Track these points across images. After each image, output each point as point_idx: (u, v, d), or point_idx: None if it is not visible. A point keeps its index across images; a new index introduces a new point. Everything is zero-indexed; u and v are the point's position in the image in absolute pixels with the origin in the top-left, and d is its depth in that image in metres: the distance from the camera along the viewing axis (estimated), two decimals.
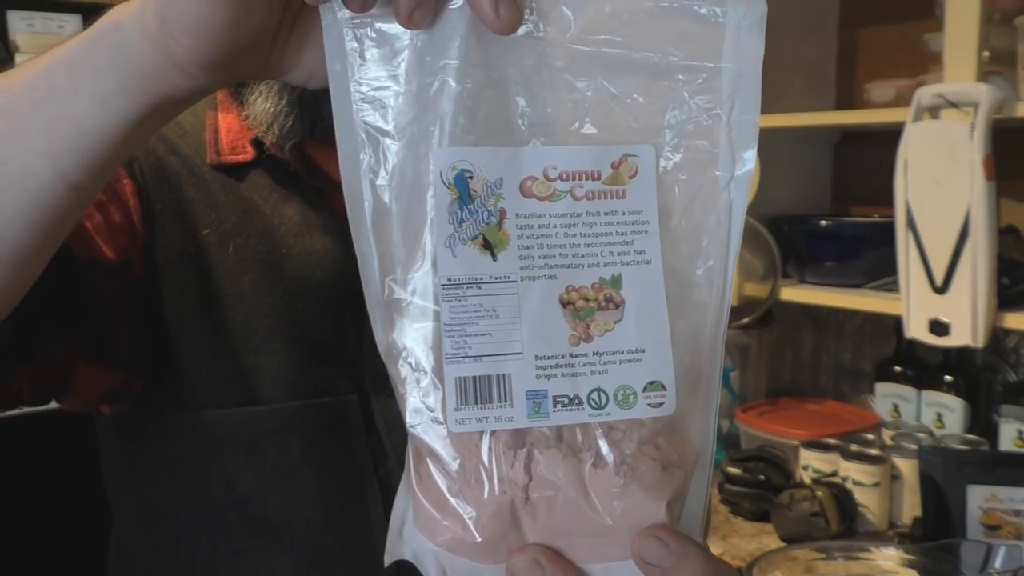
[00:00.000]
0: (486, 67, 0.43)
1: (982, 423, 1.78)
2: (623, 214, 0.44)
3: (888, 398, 1.89)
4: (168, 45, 0.46)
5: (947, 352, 1.82)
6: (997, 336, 1.82)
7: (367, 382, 0.80)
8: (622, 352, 0.44)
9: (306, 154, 0.82)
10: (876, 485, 1.58)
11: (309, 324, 0.80)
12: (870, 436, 1.74)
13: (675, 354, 0.44)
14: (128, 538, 0.89)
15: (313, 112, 0.78)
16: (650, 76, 0.45)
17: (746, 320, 1.92)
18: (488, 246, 0.43)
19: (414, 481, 0.44)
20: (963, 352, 1.80)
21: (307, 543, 0.81)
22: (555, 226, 0.44)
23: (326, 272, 0.81)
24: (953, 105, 1.55)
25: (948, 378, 1.81)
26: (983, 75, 1.56)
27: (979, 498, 1.09)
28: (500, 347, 0.43)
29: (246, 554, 0.81)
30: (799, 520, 1.54)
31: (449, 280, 0.43)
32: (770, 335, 2.10)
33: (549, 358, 0.43)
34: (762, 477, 1.68)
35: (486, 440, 0.42)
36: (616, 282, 0.44)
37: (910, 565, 0.83)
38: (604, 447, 0.43)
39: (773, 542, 1.57)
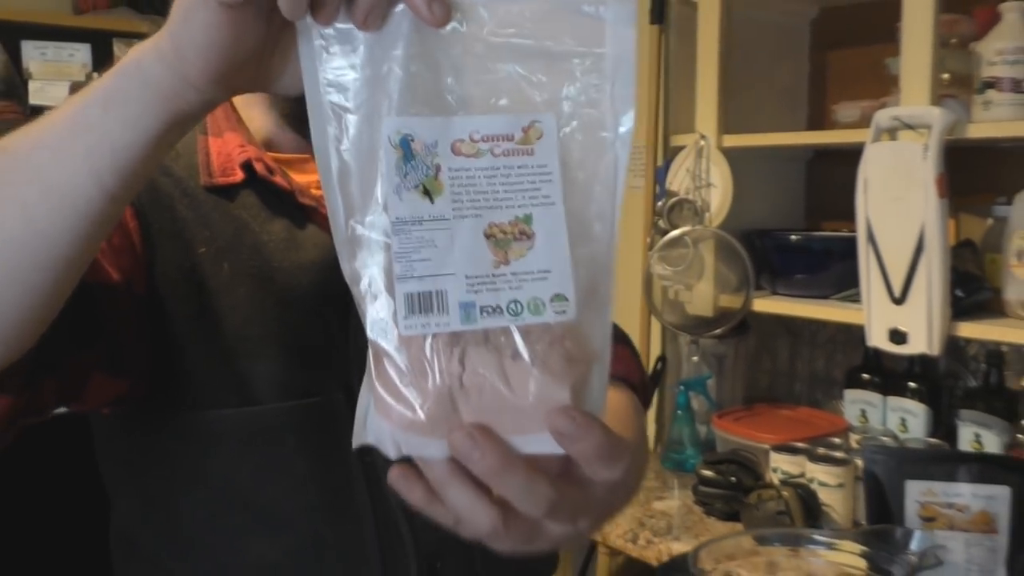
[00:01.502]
0: (423, 56, 0.57)
1: (944, 427, 1.87)
2: (532, 167, 0.57)
3: (856, 404, 1.98)
4: (182, 67, 0.59)
5: (911, 360, 1.91)
6: (958, 345, 1.91)
7: (353, 380, 0.89)
8: (533, 272, 0.56)
9: (291, 178, 0.92)
10: (840, 486, 1.67)
11: (298, 330, 0.89)
12: (837, 440, 1.83)
13: (575, 274, 0.56)
14: (129, 526, 0.97)
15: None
16: (550, 60, 0.58)
17: (719, 331, 2.01)
18: (427, 193, 0.55)
19: (374, 377, 0.57)
20: (927, 360, 1.89)
21: (300, 529, 0.90)
22: (479, 177, 0.56)
23: (312, 282, 0.89)
24: (909, 127, 1.65)
25: (912, 385, 1.90)
26: (938, 98, 1.66)
27: (916, 492, 1.17)
28: (438, 269, 0.55)
29: (244, 539, 0.90)
30: (766, 519, 1.63)
31: (397, 219, 0.55)
32: (746, 344, 2.20)
33: (476, 277, 0.55)
34: (733, 479, 1.77)
35: (428, 341, 0.55)
36: (528, 219, 0.56)
37: (843, 549, 0.92)
38: (520, 345, 0.55)
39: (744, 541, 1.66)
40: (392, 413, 0.55)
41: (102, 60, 1.83)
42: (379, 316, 0.55)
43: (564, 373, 0.55)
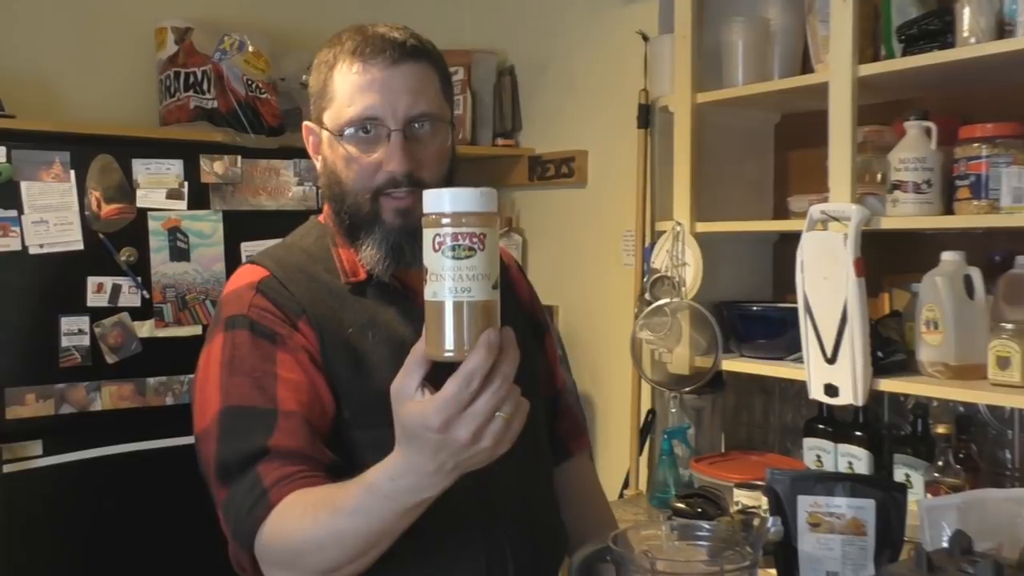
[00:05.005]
0: None
1: (885, 469, 2.21)
2: None
3: (813, 450, 2.32)
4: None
5: (857, 412, 2.25)
6: (898, 399, 2.26)
7: None
8: None
9: (397, 276, 1.31)
10: None
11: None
12: None
13: None
14: None
15: (400, 256, 1.27)
16: None
17: (688, 389, 2.38)
18: None
19: None
20: (870, 412, 2.24)
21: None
22: None
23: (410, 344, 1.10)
24: (835, 219, 2.03)
25: (858, 433, 2.24)
26: (859, 196, 2.04)
27: (806, 504, 1.52)
28: None
29: None
30: None
31: None
32: (722, 399, 2.56)
33: None
34: (699, 510, 2.12)
35: None
36: None
37: (717, 533, 1.29)
38: None
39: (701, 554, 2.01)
40: None
41: (191, 171, 2.29)
42: None
43: None
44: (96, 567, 2.25)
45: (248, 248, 2.36)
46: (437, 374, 1.00)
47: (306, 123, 1.37)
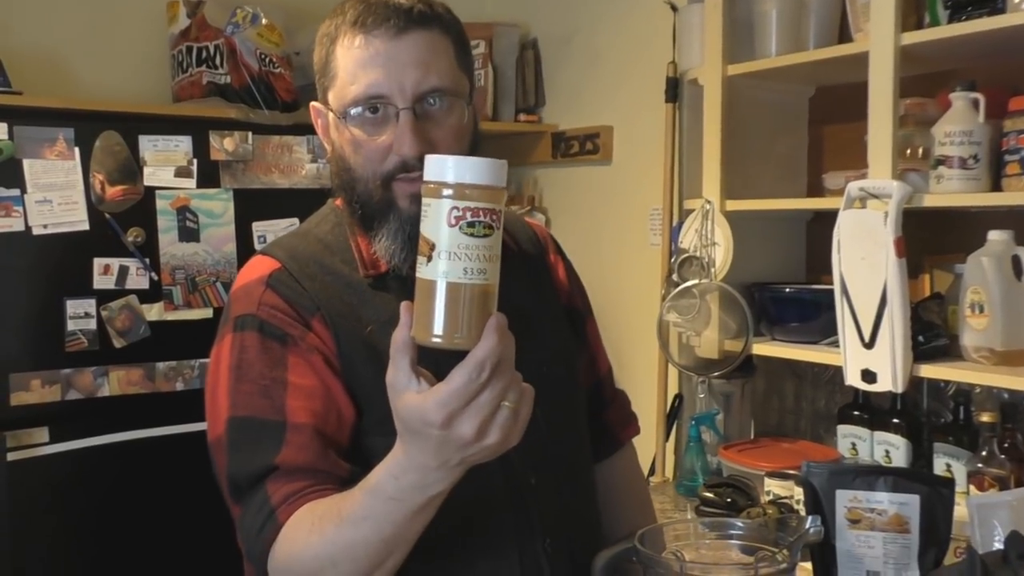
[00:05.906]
0: None
1: (924, 458, 2.11)
2: None
3: (847, 438, 2.23)
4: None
5: (895, 398, 2.15)
6: (938, 385, 2.15)
7: None
8: None
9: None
10: None
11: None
12: None
13: None
14: None
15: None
16: None
17: (717, 373, 2.29)
18: None
19: None
20: (908, 399, 2.14)
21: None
22: None
23: None
24: (874, 196, 1.93)
25: (896, 421, 2.14)
26: (900, 172, 1.94)
27: (845, 499, 1.43)
28: None
29: None
30: None
31: None
32: (752, 384, 2.46)
33: None
34: (729, 500, 2.03)
35: None
36: None
37: (752, 531, 1.21)
38: None
39: (733, 553, 1.92)
40: None
41: (200, 148, 2.21)
42: None
43: None
44: (103, 557, 2.20)
45: (260, 228, 2.29)
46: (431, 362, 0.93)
47: (313, 104, 1.27)
